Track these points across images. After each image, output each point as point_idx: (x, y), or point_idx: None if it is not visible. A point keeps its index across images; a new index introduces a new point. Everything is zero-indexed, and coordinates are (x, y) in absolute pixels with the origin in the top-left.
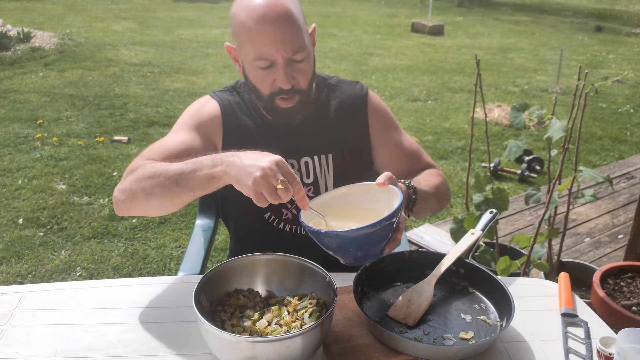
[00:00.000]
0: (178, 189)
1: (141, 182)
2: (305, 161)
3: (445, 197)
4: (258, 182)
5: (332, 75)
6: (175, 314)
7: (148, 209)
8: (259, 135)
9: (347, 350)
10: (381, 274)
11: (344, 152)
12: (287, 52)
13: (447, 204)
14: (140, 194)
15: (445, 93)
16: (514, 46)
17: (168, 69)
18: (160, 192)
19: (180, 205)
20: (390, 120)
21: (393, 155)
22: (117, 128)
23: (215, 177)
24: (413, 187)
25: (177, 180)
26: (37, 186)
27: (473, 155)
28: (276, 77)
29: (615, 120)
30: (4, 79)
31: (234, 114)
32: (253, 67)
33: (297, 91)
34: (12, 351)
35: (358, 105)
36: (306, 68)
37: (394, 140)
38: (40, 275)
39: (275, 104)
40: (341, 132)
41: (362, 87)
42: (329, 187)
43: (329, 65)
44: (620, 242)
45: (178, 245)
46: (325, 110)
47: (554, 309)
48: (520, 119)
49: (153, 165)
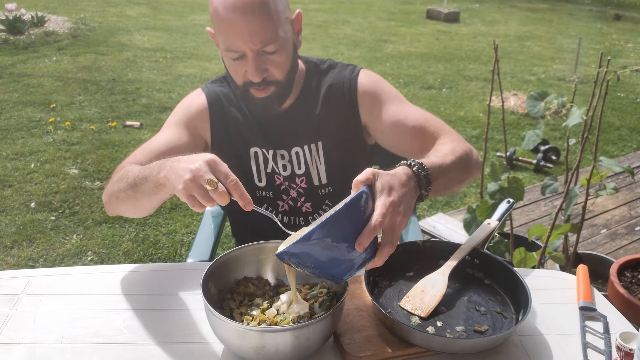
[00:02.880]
0: (135, 195)
1: (113, 186)
2: (296, 151)
3: (468, 161)
4: (187, 184)
5: (326, 59)
6: (183, 301)
7: (125, 212)
8: (247, 128)
9: (358, 341)
10: (394, 263)
11: (334, 139)
12: (256, 45)
13: (477, 169)
14: (113, 198)
15: (460, 81)
16: (530, 34)
17: (181, 54)
18: (124, 197)
19: (145, 210)
20: (384, 96)
21: (395, 132)
22: (129, 113)
23: (160, 183)
24: (419, 164)
25: (134, 187)
26: (50, 170)
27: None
28: (247, 68)
29: (634, 110)
30: (17, 63)
31: (221, 107)
32: (225, 56)
33: (271, 82)
34: (18, 336)
35: (346, 89)
36: (280, 59)
37: (391, 116)
38: (52, 259)
39: (250, 94)
40: (330, 119)
41: (353, 69)
42: (321, 176)
43: (343, 52)
44: (637, 234)
45: (189, 232)
46: (314, 97)
47: (571, 302)
48: (538, 108)
49: (124, 169)
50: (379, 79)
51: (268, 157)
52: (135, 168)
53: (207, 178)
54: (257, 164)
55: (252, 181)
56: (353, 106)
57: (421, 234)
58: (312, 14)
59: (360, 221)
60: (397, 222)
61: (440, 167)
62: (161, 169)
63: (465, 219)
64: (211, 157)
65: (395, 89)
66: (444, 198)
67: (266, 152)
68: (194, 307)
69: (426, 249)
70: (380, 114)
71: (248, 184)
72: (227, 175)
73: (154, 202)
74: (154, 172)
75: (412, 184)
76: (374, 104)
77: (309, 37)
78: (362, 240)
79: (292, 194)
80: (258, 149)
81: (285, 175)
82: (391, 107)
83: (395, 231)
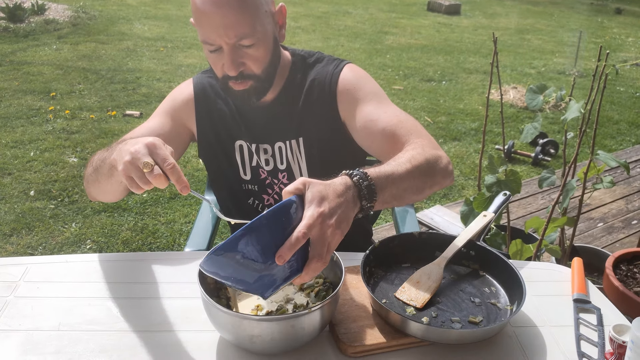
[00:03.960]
0: (98, 178)
1: (86, 171)
2: (279, 146)
3: (430, 170)
4: (126, 166)
5: (315, 52)
6: (180, 290)
7: (97, 196)
8: (232, 120)
9: (354, 331)
10: (390, 254)
11: (314, 136)
12: (231, 38)
13: (443, 178)
14: (85, 182)
15: (460, 74)
16: (531, 27)
17: (181, 44)
18: (92, 181)
19: (110, 194)
20: (362, 93)
21: (366, 132)
22: (129, 102)
23: (112, 165)
24: (361, 174)
25: (97, 170)
26: (49, 159)
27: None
28: (224, 61)
29: (633, 104)
30: (17, 51)
31: (207, 99)
32: (204, 48)
33: (249, 76)
34: (15, 323)
35: (327, 84)
36: (257, 54)
37: (365, 116)
38: (51, 247)
39: (229, 86)
40: (311, 115)
41: (338, 64)
42: (303, 172)
43: (343, 43)
44: (634, 228)
45: (188, 221)
46: (297, 91)
47: (566, 294)
48: (537, 101)
49: (95, 154)
50: (362, 75)
51: (252, 150)
52: (100, 152)
53: (143, 161)
54: (242, 157)
55: (238, 174)
56: (332, 102)
57: (418, 225)
58: (313, 5)
59: (284, 233)
60: (327, 234)
61: (390, 176)
62: (113, 151)
63: (463, 211)
64: (151, 140)
65: (378, 87)
66: (442, 190)
67: (250, 145)
68: (191, 295)
69: (422, 241)
70: (355, 112)
71: (235, 177)
72: (164, 159)
73: (114, 184)
74: (109, 155)
75: (351, 195)
76: (352, 101)
77: (309, 28)
78: (282, 252)
79: (276, 188)
80: (243, 142)
81: (268, 169)
82: (367, 106)
83: (325, 244)
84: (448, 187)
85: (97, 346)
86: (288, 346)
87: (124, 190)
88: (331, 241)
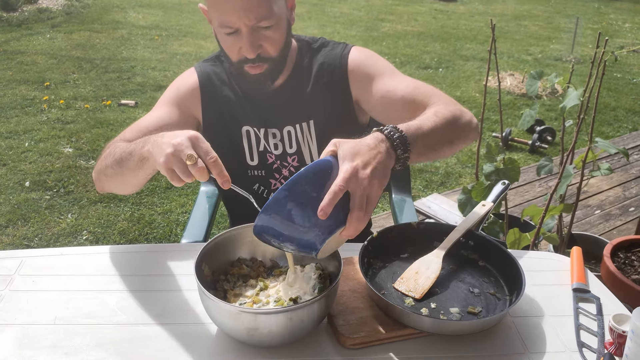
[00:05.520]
0: (121, 170)
1: (101, 163)
2: (288, 130)
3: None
4: (168, 158)
5: (318, 38)
6: (177, 282)
7: (113, 188)
8: (239, 106)
9: (352, 323)
10: (388, 245)
11: (325, 118)
12: (251, 20)
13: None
14: (102, 174)
15: (457, 61)
16: (528, 13)
17: (176, 32)
18: (112, 174)
19: (132, 186)
20: (374, 68)
21: (384, 103)
22: (124, 92)
23: (144, 157)
24: (391, 127)
25: (121, 162)
26: (44, 149)
27: (484, 124)
28: (241, 44)
29: (630, 90)
30: (11, 40)
31: (213, 86)
32: (219, 33)
33: (266, 59)
34: (11, 317)
35: (337, 66)
36: (275, 36)
37: (380, 88)
38: (47, 239)
39: (244, 70)
40: (321, 97)
41: (345, 47)
42: (314, 155)
43: (339, 30)
44: (631, 215)
45: (184, 211)
46: (306, 75)
47: (565, 283)
48: (535, 87)
49: (111, 146)
50: (370, 53)
51: (260, 135)
52: (122, 144)
53: (187, 153)
54: (249, 142)
55: (244, 160)
56: (344, 83)
57: (416, 214)
58: None
59: (324, 191)
60: (365, 185)
61: (420, 128)
62: (145, 143)
63: (460, 200)
64: (194, 133)
65: (387, 62)
66: (440, 178)
67: (257, 130)
68: (188, 288)
69: (420, 231)
70: (371, 88)
71: (240, 163)
72: (207, 152)
73: (140, 177)
74: (139, 147)
75: (384, 147)
76: (365, 78)
77: (305, 15)
78: (324, 206)
79: (284, 172)
80: (250, 128)
81: (277, 154)
82: (381, 80)
83: (363, 195)
84: (445, 175)
85: (94, 340)
86: (286, 339)
87: (144, 182)
88: (370, 192)
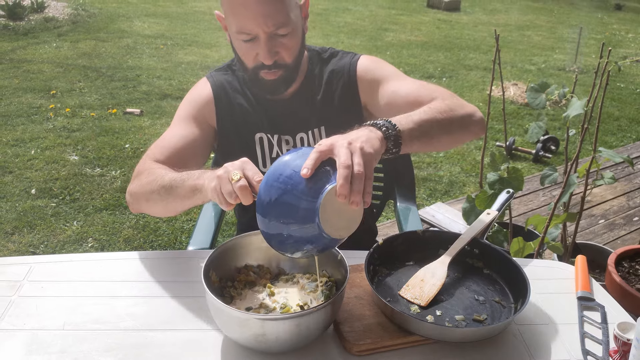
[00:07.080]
0: (168, 198)
1: (142, 187)
2: (301, 137)
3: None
4: (219, 180)
5: (327, 48)
6: (185, 289)
7: (152, 212)
8: (252, 114)
9: (358, 330)
10: (394, 252)
11: (336, 124)
12: (269, 27)
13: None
14: (142, 198)
15: (460, 70)
16: (531, 23)
17: (181, 41)
18: (156, 199)
19: (175, 211)
20: (382, 73)
21: (391, 104)
22: (129, 100)
23: (197, 188)
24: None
25: (169, 189)
26: (50, 157)
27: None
28: (259, 51)
29: (633, 100)
30: (17, 48)
31: (226, 95)
32: (236, 39)
33: (281, 66)
34: (20, 322)
35: (347, 73)
36: (291, 43)
37: (387, 91)
38: (52, 246)
39: (260, 76)
40: (332, 104)
41: (353, 56)
42: None
43: (343, 40)
44: (635, 225)
45: (189, 219)
46: (317, 83)
47: (570, 292)
48: (539, 100)
49: (154, 172)
50: (378, 60)
51: (273, 142)
52: (171, 172)
53: (233, 172)
54: (262, 149)
55: (257, 166)
56: (353, 89)
57: (420, 223)
58: (313, 1)
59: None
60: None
61: (409, 116)
62: (200, 175)
63: (465, 209)
64: (244, 159)
65: (394, 68)
66: (444, 187)
67: (271, 137)
68: (195, 294)
69: (426, 239)
70: (378, 91)
71: None
72: (254, 173)
73: (186, 205)
74: (193, 177)
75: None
76: (372, 83)
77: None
78: (306, 164)
79: None
80: (263, 134)
81: None
82: (387, 83)
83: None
84: (449, 183)
85: (102, 345)
86: (293, 345)
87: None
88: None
